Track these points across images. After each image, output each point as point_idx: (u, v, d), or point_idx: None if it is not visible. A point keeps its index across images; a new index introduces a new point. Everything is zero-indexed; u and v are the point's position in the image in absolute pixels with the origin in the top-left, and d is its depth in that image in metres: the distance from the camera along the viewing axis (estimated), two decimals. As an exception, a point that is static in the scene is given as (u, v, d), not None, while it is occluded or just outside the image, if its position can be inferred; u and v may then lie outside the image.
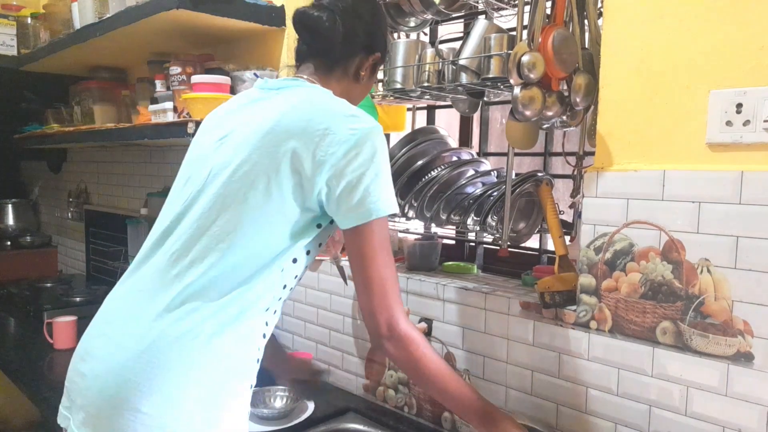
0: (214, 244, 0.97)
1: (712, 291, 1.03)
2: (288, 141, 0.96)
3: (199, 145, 1.10)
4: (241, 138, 1.01)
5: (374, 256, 0.98)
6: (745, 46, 0.99)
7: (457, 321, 1.42)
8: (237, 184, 0.98)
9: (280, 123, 0.98)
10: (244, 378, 1.00)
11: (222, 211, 0.98)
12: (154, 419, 0.92)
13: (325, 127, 0.96)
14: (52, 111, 2.75)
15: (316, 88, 1.07)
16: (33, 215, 3.54)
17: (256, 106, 1.05)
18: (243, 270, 0.97)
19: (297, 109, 0.99)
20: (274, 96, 1.05)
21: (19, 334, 2.27)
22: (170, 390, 0.93)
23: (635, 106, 1.12)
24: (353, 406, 1.59)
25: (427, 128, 1.61)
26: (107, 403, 0.94)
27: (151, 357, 0.93)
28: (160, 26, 1.80)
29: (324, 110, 0.99)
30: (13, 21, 2.68)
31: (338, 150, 0.95)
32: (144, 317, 0.97)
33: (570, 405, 1.23)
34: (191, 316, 0.95)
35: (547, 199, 1.31)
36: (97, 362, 0.98)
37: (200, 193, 1.01)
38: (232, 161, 0.99)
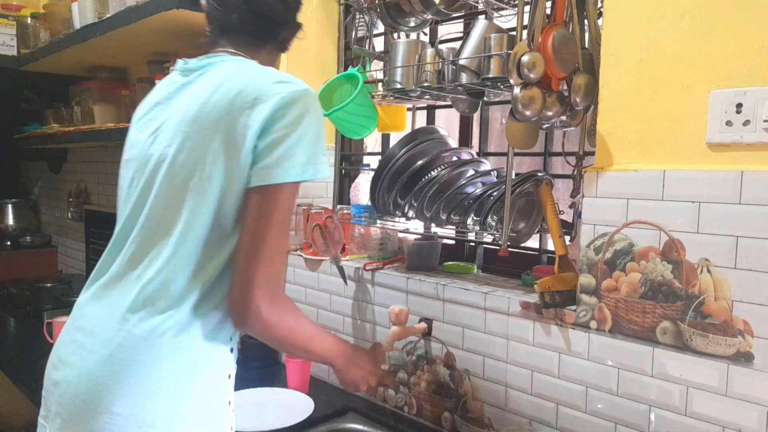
0: (166, 239, 0.96)
1: (712, 291, 1.03)
2: (218, 121, 0.94)
3: (134, 142, 1.07)
4: (173, 128, 0.99)
5: (275, 222, 0.94)
6: (745, 46, 0.99)
7: (457, 321, 1.42)
8: (176, 177, 0.96)
9: (207, 105, 0.96)
10: (219, 369, 1.00)
11: (167, 205, 0.97)
12: (129, 419, 0.92)
13: (254, 97, 0.94)
14: (52, 111, 2.75)
15: (240, 61, 1.03)
16: (33, 215, 3.54)
17: (182, 93, 1.03)
18: (199, 261, 0.96)
19: (223, 86, 0.97)
20: (198, 78, 1.03)
21: (19, 334, 2.27)
22: (141, 389, 0.93)
23: (635, 106, 1.12)
24: (353, 406, 1.59)
25: (427, 128, 1.61)
26: (81, 409, 0.94)
27: (119, 359, 0.94)
28: (160, 26, 1.80)
29: (251, 81, 0.96)
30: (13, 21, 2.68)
31: (267, 112, 0.92)
32: (110, 321, 0.97)
33: (570, 405, 1.23)
34: (154, 314, 0.95)
35: (547, 199, 1.31)
36: (70, 369, 0.98)
37: (144, 191, 1.00)
38: (167, 154, 0.98)
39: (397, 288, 1.55)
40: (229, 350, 1.03)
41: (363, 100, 1.46)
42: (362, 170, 1.79)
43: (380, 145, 1.99)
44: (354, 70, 1.50)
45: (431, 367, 1.49)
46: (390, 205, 1.56)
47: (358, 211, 1.70)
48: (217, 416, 1.00)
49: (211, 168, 0.94)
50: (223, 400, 1.02)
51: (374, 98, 1.54)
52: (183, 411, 0.95)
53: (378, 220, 1.67)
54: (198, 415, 0.97)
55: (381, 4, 1.52)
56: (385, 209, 1.57)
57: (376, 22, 1.61)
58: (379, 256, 1.74)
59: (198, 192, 0.95)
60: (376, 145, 2.03)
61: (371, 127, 1.53)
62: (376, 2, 1.52)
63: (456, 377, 1.43)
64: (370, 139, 2.00)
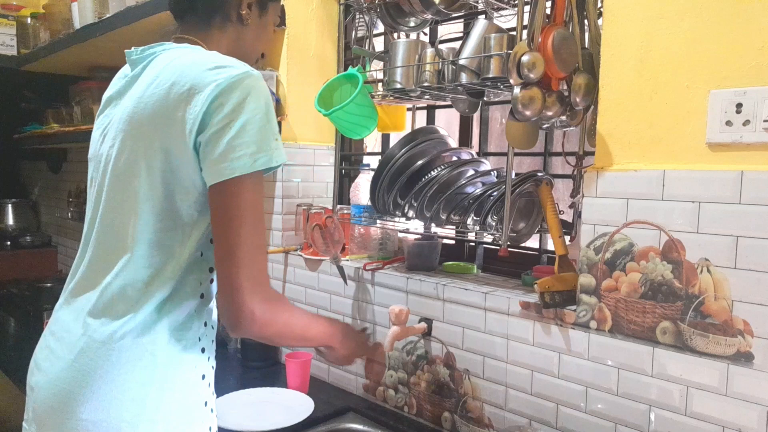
0: (120, 242, 0.93)
1: (712, 291, 1.03)
2: (154, 116, 0.89)
3: (92, 141, 1.04)
4: (116, 126, 0.95)
5: (243, 218, 0.87)
6: (745, 46, 0.99)
7: (457, 321, 1.42)
8: (120, 178, 0.93)
9: (142, 100, 0.91)
10: (188, 370, 0.96)
11: (117, 207, 0.94)
12: (96, 425, 0.91)
13: (188, 87, 0.87)
14: (52, 111, 2.75)
15: (182, 48, 0.97)
16: (33, 215, 3.54)
17: (131, 88, 0.98)
18: (155, 263, 0.92)
19: (158, 79, 0.91)
20: (142, 71, 0.97)
21: (19, 334, 2.27)
22: (105, 394, 0.91)
23: (635, 106, 1.12)
24: (353, 406, 1.59)
25: (427, 128, 1.61)
26: (51, 414, 0.94)
27: (83, 364, 0.92)
28: (160, 26, 1.80)
29: (185, 70, 0.90)
30: (13, 21, 2.69)
31: (204, 104, 0.86)
32: (74, 326, 0.95)
33: (570, 405, 1.23)
34: (114, 319, 0.92)
35: (547, 199, 1.31)
36: (41, 374, 0.98)
37: (98, 193, 0.98)
38: (111, 154, 0.95)
39: (397, 288, 1.55)
40: (200, 350, 0.99)
41: (363, 100, 1.46)
42: (362, 170, 1.79)
43: (380, 145, 1.99)
44: (354, 70, 1.50)
45: (431, 367, 1.49)
46: (390, 205, 1.56)
47: (358, 211, 1.70)
48: (191, 419, 0.97)
49: (153, 166, 0.90)
50: (197, 401, 0.98)
51: (374, 98, 1.54)
52: (151, 415, 0.92)
53: (378, 220, 1.67)
54: (168, 419, 0.94)
55: (381, 4, 1.51)
56: (385, 209, 1.57)
57: (376, 22, 1.60)
58: (379, 256, 1.74)
59: (143, 193, 0.91)
60: (376, 145, 2.03)
61: (371, 127, 1.53)
62: (376, 2, 1.52)
63: (456, 377, 1.43)
64: (370, 139, 2.00)
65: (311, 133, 1.93)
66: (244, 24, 1.04)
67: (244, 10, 1.03)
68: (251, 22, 1.05)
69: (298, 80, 1.89)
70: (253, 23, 1.05)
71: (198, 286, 0.97)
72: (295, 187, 1.91)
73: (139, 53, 1.00)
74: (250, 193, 0.88)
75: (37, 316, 2.32)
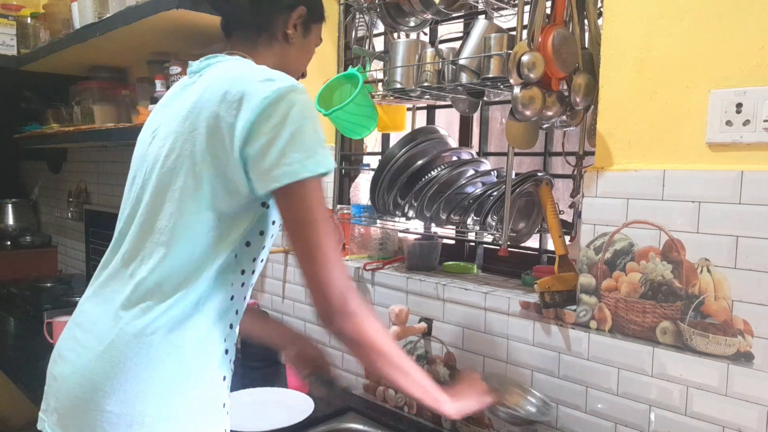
0: (159, 238, 0.96)
1: (712, 291, 1.03)
2: (206, 120, 0.93)
3: (139, 142, 1.09)
4: (167, 128, 0.99)
5: (313, 220, 0.91)
6: (745, 46, 0.99)
7: (457, 321, 1.42)
8: (167, 176, 0.96)
9: (197, 104, 0.95)
10: (212, 370, 0.99)
11: (160, 205, 0.97)
12: (120, 417, 0.92)
13: (239, 97, 0.92)
14: (52, 111, 2.75)
15: (235, 60, 1.02)
16: (33, 215, 3.55)
17: (183, 94, 1.02)
18: (192, 261, 0.95)
19: (211, 86, 0.96)
20: (198, 79, 1.02)
21: (19, 334, 2.27)
22: (132, 387, 0.93)
23: (635, 106, 1.12)
24: (353, 406, 1.59)
25: (427, 128, 1.61)
26: (75, 405, 0.95)
27: (111, 357, 0.94)
28: (160, 26, 1.80)
29: (237, 80, 0.94)
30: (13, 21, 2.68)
31: (252, 115, 0.90)
32: (104, 318, 0.97)
33: (570, 405, 1.23)
34: (146, 312, 0.94)
35: (547, 199, 1.31)
36: (67, 364, 0.99)
37: (142, 190, 1.01)
38: (160, 154, 0.98)
39: (397, 288, 1.55)
40: (224, 351, 1.02)
41: (363, 100, 1.46)
42: (362, 170, 1.79)
43: (380, 145, 1.99)
44: (354, 70, 1.50)
45: (431, 367, 1.49)
46: (390, 205, 1.56)
47: (358, 211, 1.70)
48: (210, 418, 0.99)
49: (200, 168, 0.94)
50: (218, 402, 1.00)
51: (374, 98, 1.54)
52: (174, 411, 0.94)
53: (378, 220, 1.67)
54: (190, 416, 0.96)
55: (381, 4, 1.51)
56: (385, 209, 1.57)
57: (376, 21, 1.60)
58: (379, 256, 1.74)
59: (189, 192, 0.94)
60: (376, 145, 2.03)
61: (371, 127, 1.53)
62: (376, 2, 1.52)
63: (456, 377, 1.43)
64: (370, 139, 2.00)
65: (311, 133, 1.93)
66: (289, 43, 1.09)
67: (290, 29, 1.08)
68: (295, 42, 1.10)
69: (298, 80, 1.89)
70: (297, 42, 1.10)
71: (229, 287, 1.00)
72: (295, 187, 1.90)
73: (197, 65, 1.05)
74: (309, 196, 0.92)
75: (37, 316, 2.32)
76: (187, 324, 0.96)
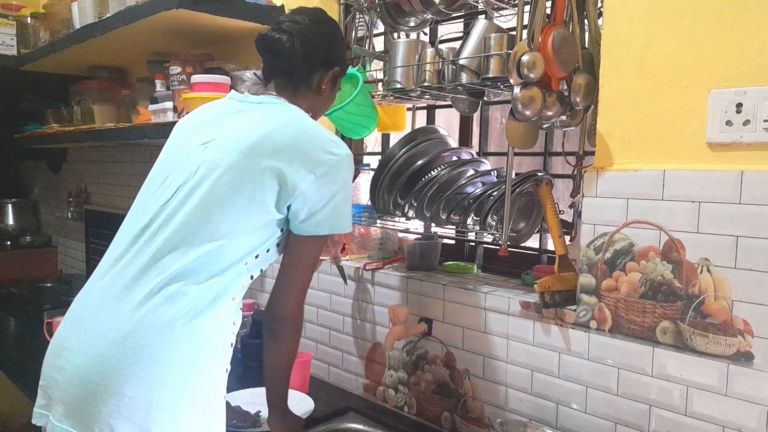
0: (197, 239, 1.04)
1: (712, 291, 1.03)
2: (274, 155, 1.06)
3: (177, 147, 1.16)
4: (229, 144, 1.08)
5: (310, 265, 1.15)
6: (745, 46, 0.99)
7: (457, 321, 1.42)
8: (224, 187, 1.05)
9: (270, 137, 1.07)
10: (220, 361, 1.07)
11: (208, 209, 1.05)
12: (138, 402, 0.96)
13: (310, 147, 1.08)
14: (52, 111, 2.75)
15: (296, 108, 1.16)
16: (33, 215, 3.55)
17: (240, 116, 1.13)
18: (219, 262, 1.05)
19: (284, 126, 1.10)
20: (256, 109, 1.14)
21: (19, 334, 2.27)
22: (153, 373, 0.97)
23: (635, 106, 1.12)
24: (353, 406, 1.59)
25: (427, 128, 1.61)
26: (90, 392, 0.97)
27: (134, 342, 0.98)
28: (160, 26, 1.80)
29: (309, 132, 1.10)
30: (13, 21, 2.68)
31: (319, 171, 1.07)
32: (123, 307, 1.01)
33: (570, 405, 1.23)
34: (170, 301, 1.00)
35: (547, 199, 1.31)
36: (76, 355, 1.01)
37: (183, 191, 1.07)
38: (219, 164, 1.06)
39: (397, 288, 1.55)
40: (229, 345, 1.09)
41: (363, 100, 1.46)
42: (362, 170, 1.79)
43: (380, 145, 1.99)
44: (354, 70, 1.50)
45: (431, 367, 1.49)
46: (390, 205, 1.56)
47: (358, 211, 1.70)
48: (216, 409, 1.05)
49: (258, 191, 1.05)
50: (221, 394, 1.07)
51: (374, 98, 1.54)
52: (189, 397, 1.00)
53: (378, 220, 1.67)
54: (201, 404, 1.02)
55: (381, 4, 1.52)
56: (385, 209, 1.57)
57: (376, 21, 1.61)
58: (379, 256, 1.74)
59: (239, 207, 1.05)
60: (376, 145, 2.03)
61: (371, 127, 1.53)
62: (376, 2, 1.52)
63: (456, 377, 1.43)
64: (370, 139, 2.00)
65: (311, 133, 1.93)
66: (321, 95, 1.23)
67: (325, 84, 1.22)
68: (325, 94, 1.24)
69: (298, 80, 1.89)
70: (326, 95, 1.25)
71: (240, 289, 1.10)
72: (295, 187, 1.91)
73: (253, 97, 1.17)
74: (317, 247, 1.15)
75: (37, 316, 2.32)
76: (205, 315, 1.02)
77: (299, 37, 1.16)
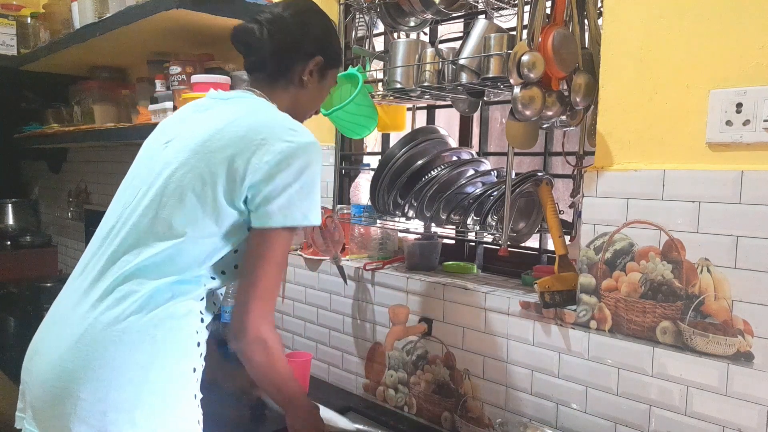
0: (150, 239, 1.01)
1: (712, 291, 1.03)
2: (226, 148, 1.01)
3: (146, 148, 1.15)
4: (184, 142, 1.05)
5: (271, 262, 1.03)
6: (745, 46, 0.99)
7: (457, 321, 1.42)
8: (174, 185, 1.02)
9: (222, 131, 1.03)
10: (182, 361, 1.02)
11: (159, 208, 1.02)
12: (93, 404, 0.95)
13: (262, 137, 1.01)
14: (52, 111, 2.75)
15: (262, 100, 1.11)
16: (33, 215, 3.54)
17: (204, 115, 1.10)
18: (176, 262, 1.01)
19: (239, 119, 1.04)
20: (222, 105, 1.10)
21: (19, 334, 2.27)
22: (106, 374, 0.96)
23: (635, 106, 1.12)
24: (353, 406, 1.59)
25: (427, 128, 1.61)
26: (50, 395, 0.98)
27: (85, 345, 0.97)
28: (160, 26, 1.80)
29: (264, 122, 1.04)
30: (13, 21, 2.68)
31: (272, 159, 1.00)
32: (78, 311, 1.01)
33: (570, 405, 1.23)
34: (121, 301, 0.98)
35: (547, 199, 1.31)
36: (41, 357, 1.03)
37: (143, 192, 1.05)
38: (171, 163, 1.04)
39: (397, 288, 1.55)
40: (195, 344, 1.05)
41: (363, 100, 1.46)
42: (362, 170, 1.79)
43: (380, 145, 1.99)
44: (354, 70, 1.50)
45: (431, 367, 1.49)
46: (390, 205, 1.56)
47: (358, 211, 1.70)
48: (184, 408, 1.02)
49: (209, 188, 1.01)
50: (189, 393, 1.03)
51: (374, 98, 1.54)
52: (148, 397, 0.97)
53: (378, 219, 1.67)
54: (160, 405, 0.98)
55: (381, 4, 1.51)
56: (385, 209, 1.57)
57: (376, 21, 1.60)
58: (379, 256, 1.74)
59: (190, 205, 1.01)
60: (376, 145, 2.03)
61: (371, 127, 1.53)
62: (376, 2, 1.52)
63: (456, 377, 1.43)
64: (370, 138, 2.00)
65: (311, 133, 1.93)
66: (304, 87, 1.16)
67: (306, 76, 1.15)
68: (311, 86, 1.17)
69: (298, 80, 1.89)
70: (312, 87, 1.18)
71: (204, 289, 1.06)
72: (295, 187, 1.91)
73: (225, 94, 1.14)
74: (285, 243, 1.05)
75: (37, 316, 2.32)
76: (160, 316, 0.99)
77: (269, 27, 1.11)
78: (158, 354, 0.98)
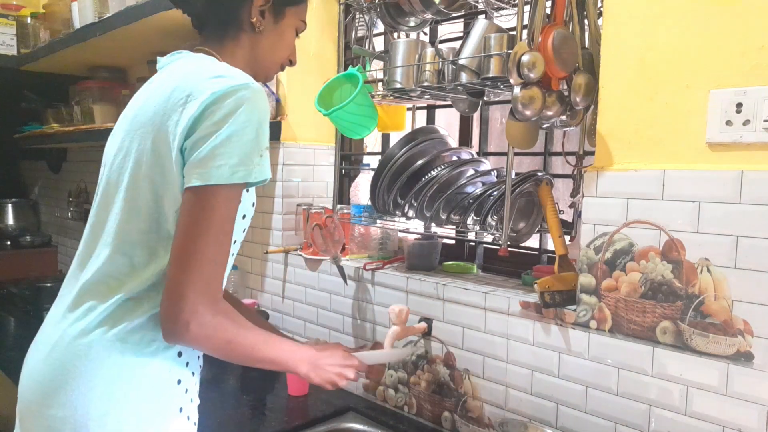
0: (104, 238, 0.94)
1: (712, 290, 1.03)
2: (152, 119, 0.90)
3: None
4: (119, 127, 0.98)
5: (207, 227, 0.85)
6: (745, 46, 0.99)
7: (457, 321, 1.42)
8: (114, 175, 0.95)
9: (146, 103, 0.93)
10: (160, 374, 0.94)
11: (106, 204, 0.95)
12: (64, 421, 0.90)
13: (187, 93, 0.88)
14: (52, 111, 2.75)
15: (193, 57, 0.98)
16: (33, 215, 3.54)
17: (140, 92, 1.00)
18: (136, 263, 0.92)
19: (162, 84, 0.93)
20: (157, 77, 0.99)
21: (19, 334, 2.27)
22: (74, 390, 0.90)
23: (635, 106, 1.12)
24: (353, 406, 1.59)
25: (427, 128, 1.61)
26: (26, 406, 0.96)
27: (55, 359, 0.92)
28: (160, 26, 1.80)
29: (188, 77, 0.91)
30: (13, 21, 2.69)
31: (196, 111, 0.86)
32: (52, 321, 0.97)
33: (570, 405, 1.23)
34: (87, 314, 0.92)
35: (547, 199, 1.31)
36: (25, 368, 0.99)
37: (97, 190, 1.00)
38: (110, 154, 0.97)
39: (397, 288, 1.55)
40: (176, 354, 0.96)
41: (363, 100, 1.46)
42: (362, 170, 1.79)
43: (380, 144, 1.99)
44: (354, 70, 1.50)
45: (431, 366, 1.49)
46: (390, 205, 1.56)
47: (358, 211, 1.70)
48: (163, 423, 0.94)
49: (145, 168, 0.91)
50: (170, 406, 0.95)
51: (374, 98, 1.54)
52: (119, 414, 0.90)
53: (378, 219, 1.67)
54: (138, 420, 0.91)
55: (381, 4, 1.51)
56: (385, 209, 1.57)
57: (376, 21, 1.60)
58: (379, 255, 1.74)
59: (133, 192, 0.92)
60: (376, 145, 2.03)
61: (371, 127, 1.53)
62: (376, 2, 1.52)
63: (456, 377, 1.43)
64: (370, 138, 2.00)
65: (311, 133, 1.93)
66: (257, 32, 1.02)
67: (255, 18, 1.01)
68: (265, 30, 1.03)
69: (298, 80, 1.89)
70: (267, 31, 1.04)
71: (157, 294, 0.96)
72: (295, 186, 1.91)
73: (162, 61, 1.02)
74: (221, 204, 0.86)
75: (37, 316, 2.32)
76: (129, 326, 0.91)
77: None
78: (126, 365, 0.91)
